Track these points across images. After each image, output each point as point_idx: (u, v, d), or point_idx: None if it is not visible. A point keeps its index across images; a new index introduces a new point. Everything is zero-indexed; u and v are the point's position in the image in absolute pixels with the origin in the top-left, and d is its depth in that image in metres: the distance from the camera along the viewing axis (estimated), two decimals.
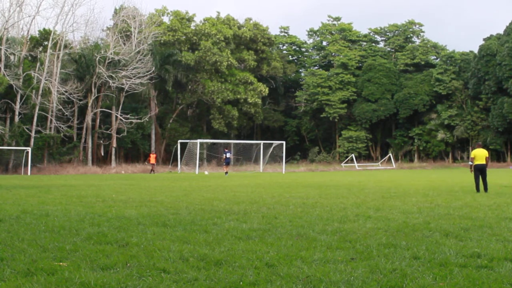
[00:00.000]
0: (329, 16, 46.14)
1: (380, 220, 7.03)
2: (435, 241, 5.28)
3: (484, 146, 27.53)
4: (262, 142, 34.44)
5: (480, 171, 12.12)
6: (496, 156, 44.37)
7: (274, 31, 48.68)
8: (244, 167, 35.12)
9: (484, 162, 12.21)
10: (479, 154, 12.21)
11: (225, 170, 25.61)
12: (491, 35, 43.94)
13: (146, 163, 31.71)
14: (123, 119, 33.35)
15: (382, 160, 42.21)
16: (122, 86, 32.52)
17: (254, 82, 41.73)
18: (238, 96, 39.03)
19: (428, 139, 43.32)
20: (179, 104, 43.49)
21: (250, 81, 39.78)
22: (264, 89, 39.68)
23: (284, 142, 33.61)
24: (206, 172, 28.60)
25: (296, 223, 6.68)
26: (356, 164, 42.98)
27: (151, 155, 30.21)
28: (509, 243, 5.12)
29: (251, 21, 43.37)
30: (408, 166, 41.73)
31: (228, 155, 26.67)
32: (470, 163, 12.64)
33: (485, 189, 12.14)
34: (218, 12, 42.92)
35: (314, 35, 46.59)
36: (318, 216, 7.45)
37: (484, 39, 44.04)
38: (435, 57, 45.85)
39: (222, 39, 40.60)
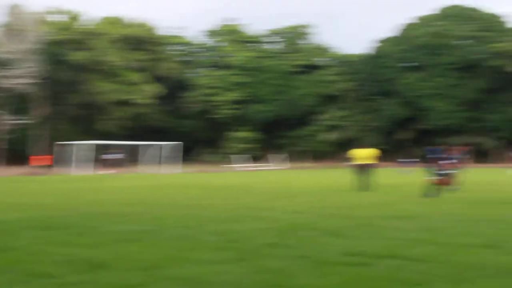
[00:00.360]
0: (225, 19, 59.12)
1: (269, 220, 9.56)
2: (321, 240, 7.27)
3: (372, 146, 44.41)
4: (154, 143, 44.88)
5: (361, 170, 16.35)
6: (384, 156, 62.32)
7: (168, 31, 59.08)
8: (136, 168, 45.15)
9: (365, 162, 16.71)
10: (360, 154, 16.94)
11: (111, 171, 33.91)
12: (384, 38, 58.41)
13: (34, 165, 39.93)
14: (10, 121, 41.87)
15: (275, 160, 54.04)
16: (7, 86, 40.72)
17: (146, 82, 57.04)
18: (129, 97, 50.31)
19: (319, 139, 57.96)
20: (69, 105, 57.68)
21: (141, 81, 51.07)
22: (155, 89, 51.29)
23: (176, 143, 43.77)
24: (100, 173, 37.20)
25: (185, 224, 8.93)
26: (248, 164, 58.88)
27: (39, 157, 38.60)
28: (389, 241, 7.08)
29: (144, 21, 57.66)
30: (300, 167, 54.05)
31: (117, 155, 40.34)
32: (348, 162, 17.54)
33: (368, 188, 16.01)
34: (109, 13, 57.83)
35: (210, 36, 59.93)
36: (207, 217, 9.97)
37: (376, 42, 58.64)
38: (328, 59, 60.63)
39: (114, 39, 52.15)
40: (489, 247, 7.05)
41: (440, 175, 15.56)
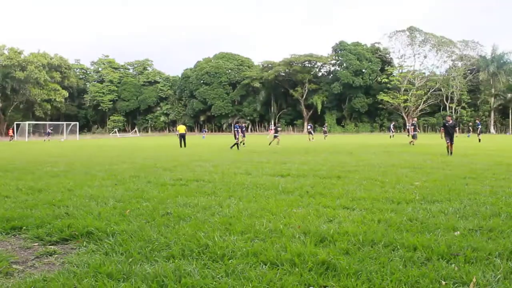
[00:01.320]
0: (102, 54, 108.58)
1: (131, 163, 15.42)
2: (159, 173, 12.01)
3: (185, 124, 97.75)
4: (65, 123, 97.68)
5: (180, 137, 29.28)
6: (190, 129, 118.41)
7: (72, 61, 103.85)
8: (57, 137, 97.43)
9: (181, 132, 29.65)
10: (180, 128, 30.51)
11: (46, 139, 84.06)
12: (188, 68, 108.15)
13: (9, 135, 72.80)
14: None
15: (133, 131, 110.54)
16: None
17: (59, 89, 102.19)
18: (51, 97, 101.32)
19: (156, 120, 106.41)
20: (14, 101, 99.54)
21: (57, 88, 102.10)
22: (65, 93, 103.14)
23: (74, 123, 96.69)
24: (41, 139, 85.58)
25: (86, 166, 14.38)
26: (118, 134, 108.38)
27: (10, 131, 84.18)
28: (196, 173, 12.05)
29: (58, 55, 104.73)
30: (147, 135, 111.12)
31: (49, 130, 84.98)
32: (177, 133, 30.95)
33: (184, 146, 28.92)
34: (39, 49, 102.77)
35: (96, 64, 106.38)
36: (97, 162, 16.25)
37: (184, 70, 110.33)
38: (159, 78, 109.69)
39: (41, 64, 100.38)
40: (245, 174, 11.84)
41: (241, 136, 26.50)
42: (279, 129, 35.24)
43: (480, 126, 41.09)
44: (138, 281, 4.12)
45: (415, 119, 37.23)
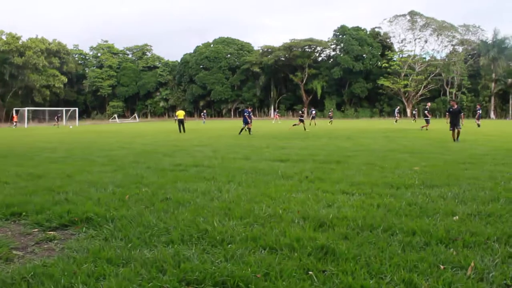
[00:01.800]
0: (102, 39, 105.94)
1: (130, 149, 15.53)
2: (159, 158, 12.24)
3: (184, 109, 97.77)
4: (64, 109, 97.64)
5: (179, 122, 29.47)
6: (189, 114, 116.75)
7: (70, 46, 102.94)
8: (55, 122, 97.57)
9: (181, 118, 30.04)
10: (179, 113, 30.39)
11: (45, 124, 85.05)
12: (187, 53, 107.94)
13: (14, 121, 74.46)
14: None
15: (132, 117, 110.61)
16: None
17: (58, 74, 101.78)
18: (50, 83, 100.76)
19: (155, 105, 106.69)
20: (13, 87, 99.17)
21: (56, 74, 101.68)
22: (64, 79, 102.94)
23: (73, 109, 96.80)
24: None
25: (85, 152, 14.33)
26: (117, 120, 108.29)
27: (14, 117, 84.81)
28: (195, 158, 12.12)
29: (57, 40, 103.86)
30: (146, 121, 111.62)
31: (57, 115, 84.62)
32: (175, 118, 36.99)
33: (184, 131, 28.63)
34: (37, 35, 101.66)
35: (95, 49, 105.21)
36: (97, 147, 16.28)
37: (183, 55, 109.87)
38: (159, 63, 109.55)
39: (39, 50, 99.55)
40: (245, 159, 12.02)
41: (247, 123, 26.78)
42: (303, 115, 36.20)
43: (480, 111, 40.97)
44: (137, 266, 4.13)
45: (429, 103, 36.97)
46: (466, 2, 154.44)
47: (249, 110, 28.23)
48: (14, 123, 64.24)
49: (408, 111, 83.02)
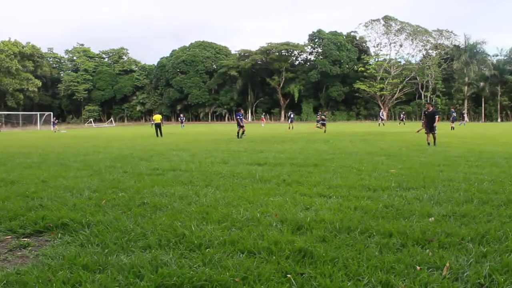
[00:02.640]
0: (77, 43, 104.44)
1: (106, 153, 15.30)
2: (136, 162, 11.96)
3: (161, 113, 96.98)
4: (39, 113, 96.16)
5: (156, 126, 29.83)
6: (166, 119, 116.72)
7: (45, 49, 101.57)
8: (28, 127, 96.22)
9: (158, 122, 30.32)
10: (156, 117, 30.79)
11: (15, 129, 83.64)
12: (164, 57, 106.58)
13: None
14: None
15: (108, 121, 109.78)
16: None
17: (32, 78, 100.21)
18: (24, 87, 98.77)
19: (132, 109, 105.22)
20: None
21: (30, 77, 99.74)
22: (38, 82, 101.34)
23: (48, 113, 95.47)
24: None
25: (60, 157, 13.95)
26: (93, 124, 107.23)
27: None
28: (173, 162, 11.94)
29: (30, 43, 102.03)
30: (123, 125, 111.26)
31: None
32: (152, 122, 36.62)
33: (160, 135, 29.41)
34: (10, 37, 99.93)
35: (70, 52, 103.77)
36: (72, 152, 16.02)
37: (160, 59, 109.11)
38: (135, 66, 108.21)
39: (12, 53, 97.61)
40: (223, 163, 12.02)
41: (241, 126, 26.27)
42: (324, 117, 36.89)
43: (454, 114, 41.76)
44: (114, 272, 4.07)
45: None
46: (440, 8, 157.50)
47: (241, 112, 27.95)
48: None
49: (385, 114, 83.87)
